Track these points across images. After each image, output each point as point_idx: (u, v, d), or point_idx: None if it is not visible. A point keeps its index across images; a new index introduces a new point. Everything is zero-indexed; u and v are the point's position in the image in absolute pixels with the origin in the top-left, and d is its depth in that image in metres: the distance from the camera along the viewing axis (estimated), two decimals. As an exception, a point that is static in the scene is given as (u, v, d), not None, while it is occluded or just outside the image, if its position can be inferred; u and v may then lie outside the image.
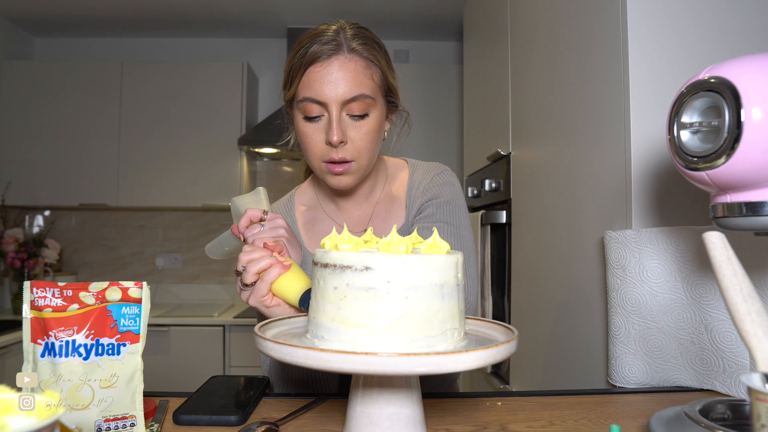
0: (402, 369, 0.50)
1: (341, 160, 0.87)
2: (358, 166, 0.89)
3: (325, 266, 0.57)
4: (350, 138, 0.87)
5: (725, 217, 0.63)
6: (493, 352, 0.53)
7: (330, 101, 0.84)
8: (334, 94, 0.84)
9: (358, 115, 0.86)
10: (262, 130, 3.00)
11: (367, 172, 0.92)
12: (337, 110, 0.85)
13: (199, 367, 2.77)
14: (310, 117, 0.87)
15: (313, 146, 0.88)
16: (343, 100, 0.84)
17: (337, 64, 0.84)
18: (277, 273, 0.75)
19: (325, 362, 0.50)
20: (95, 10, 3.05)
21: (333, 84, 0.84)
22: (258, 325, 0.62)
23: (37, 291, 0.58)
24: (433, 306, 0.55)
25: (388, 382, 0.58)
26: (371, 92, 0.87)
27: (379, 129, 0.90)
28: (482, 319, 0.68)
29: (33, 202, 3.06)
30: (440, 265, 0.56)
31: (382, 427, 0.57)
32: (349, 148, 0.87)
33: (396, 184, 1.04)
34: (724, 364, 0.83)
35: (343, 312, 0.55)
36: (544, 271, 1.47)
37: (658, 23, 1.03)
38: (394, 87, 0.93)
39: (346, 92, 0.84)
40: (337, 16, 0.95)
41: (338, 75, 0.84)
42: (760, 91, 0.57)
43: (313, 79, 0.85)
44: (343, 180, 0.90)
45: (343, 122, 0.86)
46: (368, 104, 0.87)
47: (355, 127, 0.87)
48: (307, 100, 0.86)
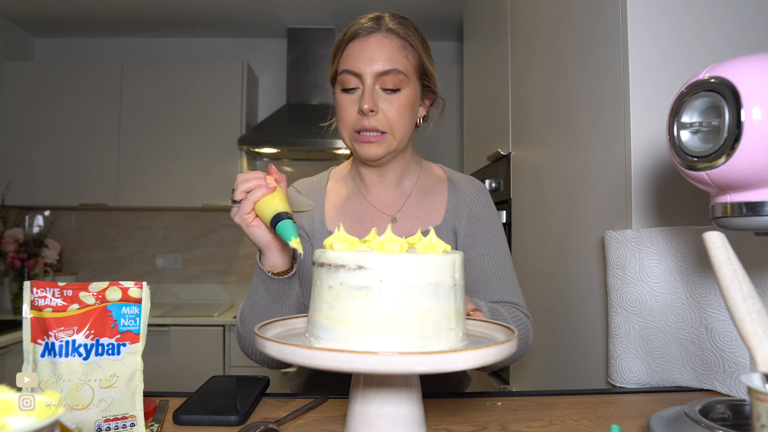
0: (401, 368, 0.49)
1: (372, 129, 0.92)
2: (390, 139, 0.94)
3: (321, 266, 0.57)
4: (382, 109, 0.92)
5: (725, 217, 0.63)
6: (493, 351, 0.53)
7: (365, 73, 0.91)
8: (369, 67, 0.91)
9: (391, 89, 0.92)
10: (262, 130, 3.00)
11: (397, 148, 0.96)
12: (371, 81, 0.91)
13: (199, 367, 2.77)
14: (347, 89, 0.93)
15: (347, 116, 0.94)
16: (378, 72, 0.91)
17: (374, 40, 0.92)
18: (260, 194, 0.77)
19: (322, 361, 0.50)
20: (95, 10, 3.05)
21: (369, 57, 0.91)
22: (258, 325, 0.62)
23: (37, 291, 0.58)
24: (427, 306, 0.55)
25: (389, 381, 0.58)
26: (404, 69, 0.92)
27: (411, 106, 0.95)
28: (483, 320, 0.68)
29: (33, 202, 3.06)
30: (435, 265, 0.55)
31: (380, 426, 0.57)
32: (381, 119, 0.92)
33: (432, 181, 1.07)
34: (724, 364, 0.83)
35: (336, 311, 0.55)
36: (544, 271, 1.47)
37: (657, 23, 1.03)
38: (430, 71, 0.98)
39: (380, 65, 0.91)
40: (336, 16, 0.98)
41: (374, 50, 0.91)
42: (760, 91, 0.57)
43: (352, 53, 0.92)
44: (371, 149, 0.94)
45: (375, 93, 0.92)
46: (401, 80, 0.92)
47: (387, 100, 0.92)
48: (345, 72, 0.93)
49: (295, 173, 3.42)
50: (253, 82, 3.33)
